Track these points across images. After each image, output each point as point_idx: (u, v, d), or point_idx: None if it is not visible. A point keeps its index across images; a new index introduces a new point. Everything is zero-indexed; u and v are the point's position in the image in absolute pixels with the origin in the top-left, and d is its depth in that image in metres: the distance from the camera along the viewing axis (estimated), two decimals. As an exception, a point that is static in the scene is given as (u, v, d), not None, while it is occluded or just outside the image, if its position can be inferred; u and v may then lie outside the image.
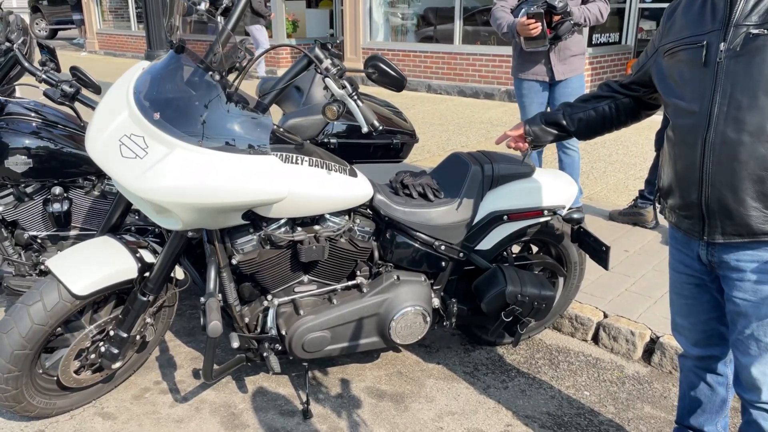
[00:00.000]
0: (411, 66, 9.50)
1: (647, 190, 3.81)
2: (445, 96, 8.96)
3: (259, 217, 2.07)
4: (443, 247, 2.35)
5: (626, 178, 4.93)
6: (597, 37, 8.16)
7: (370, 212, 2.31)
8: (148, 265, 2.14)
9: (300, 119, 2.75)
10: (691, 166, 1.50)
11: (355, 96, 1.91)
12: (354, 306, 2.25)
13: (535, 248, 2.83)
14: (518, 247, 3.03)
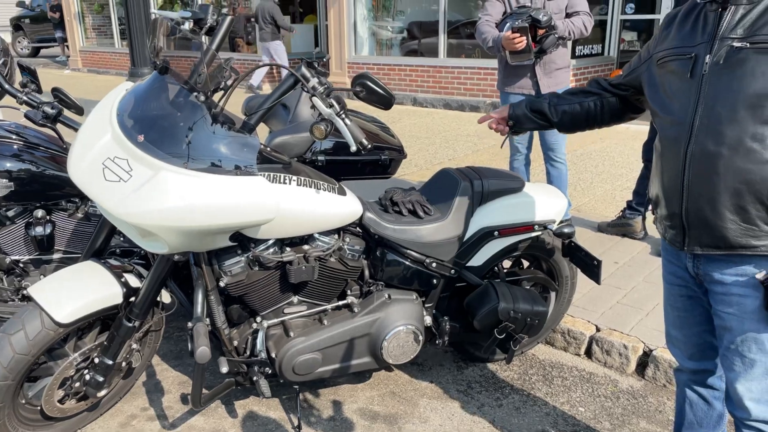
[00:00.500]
0: (396, 80, 9.54)
1: (635, 201, 3.82)
2: (431, 109, 8.99)
3: (247, 238, 2.03)
4: (434, 265, 2.32)
5: (613, 188, 4.95)
6: (580, 49, 8.25)
7: (360, 230, 2.28)
8: (134, 290, 2.09)
9: (287, 137, 2.72)
10: (674, 176, 1.50)
11: (343, 114, 1.89)
12: (345, 326, 2.21)
13: (526, 263, 2.81)
14: (509, 262, 3.01)
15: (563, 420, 2.37)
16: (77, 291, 2.01)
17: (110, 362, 2.12)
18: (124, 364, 2.20)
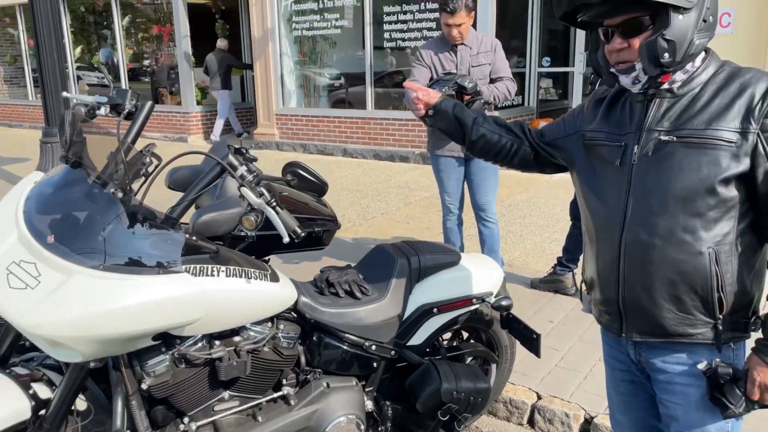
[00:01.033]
0: (326, 131, 9.55)
1: (565, 258, 3.89)
2: (362, 160, 9.03)
3: (172, 335, 1.89)
4: (374, 347, 2.24)
5: (542, 240, 5.06)
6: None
7: (295, 315, 2.18)
8: (44, 402, 1.88)
9: (214, 214, 2.59)
10: (609, 264, 1.50)
11: (274, 203, 1.81)
12: (281, 422, 2.08)
13: (465, 334, 2.78)
14: (449, 334, 2.97)
15: (511, 500, 2.31)
16: (-24, 408, 1.79)
17: (16, 483, 1.89)
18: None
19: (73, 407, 1.96)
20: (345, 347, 2.20)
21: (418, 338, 2.36)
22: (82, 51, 12.84)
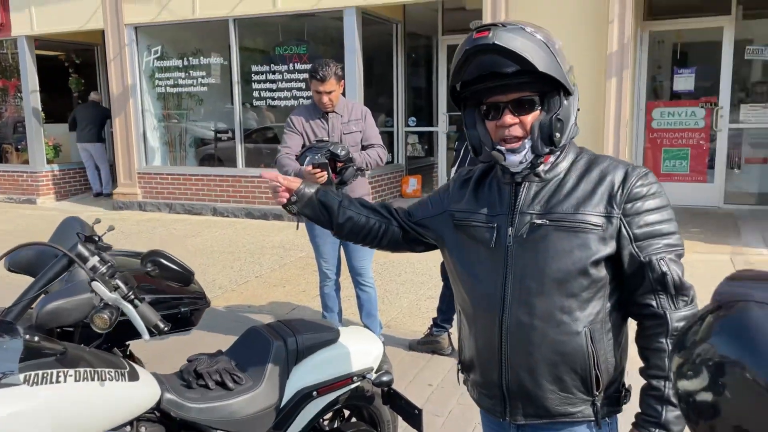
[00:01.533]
0: (194, 190, 9.16)
1: (440, 318, 3.94)
2: (233, 219, 8.73)
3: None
4: (249, 441, 2.07)
5: (418, 298, 5.13)
6: (373, 158, 8.76)
7: (158, 414, 1.96)
8: None
9: (62, 302, 2.28)
10: (490, 346, 1.49)
11: (132, 296, 1.63)
12: None
13: (347, 412, 2.68)
14: (330, 413, 2.85)
15: None
16: None
17: None
18: None
19: None
20: (217, 445, 2.01)
21: (298, 425, 2.22)
22: None
